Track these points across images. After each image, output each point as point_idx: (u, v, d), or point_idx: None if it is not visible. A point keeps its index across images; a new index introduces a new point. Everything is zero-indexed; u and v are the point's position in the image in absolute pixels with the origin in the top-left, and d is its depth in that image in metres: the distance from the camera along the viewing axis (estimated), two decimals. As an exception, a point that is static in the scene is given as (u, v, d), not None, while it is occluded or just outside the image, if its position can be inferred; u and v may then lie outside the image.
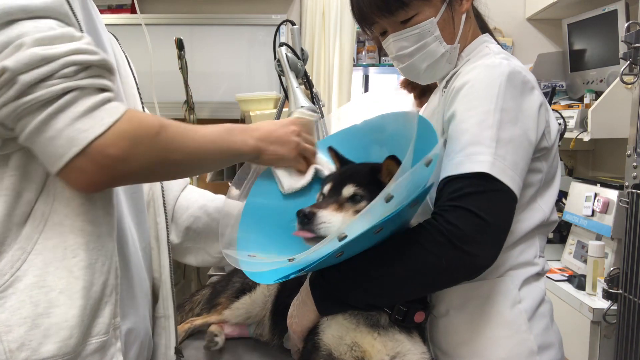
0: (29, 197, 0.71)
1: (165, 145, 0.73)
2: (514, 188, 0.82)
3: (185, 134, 0.77)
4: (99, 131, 0.66)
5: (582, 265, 2.06)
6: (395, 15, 0.95)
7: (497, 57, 0.91)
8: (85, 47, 0.68)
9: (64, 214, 0.72)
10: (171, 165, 0.78)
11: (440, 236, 0.78)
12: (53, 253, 0.71)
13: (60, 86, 0.65)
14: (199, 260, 1.14)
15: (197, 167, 0.91)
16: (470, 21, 1.01)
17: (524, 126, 0.86)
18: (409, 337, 0.87)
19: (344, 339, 0.86)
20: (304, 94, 1.25)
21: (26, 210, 0.71)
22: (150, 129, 0.72)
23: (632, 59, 1.59)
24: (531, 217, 0.93)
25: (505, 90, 0.85)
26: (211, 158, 0.84)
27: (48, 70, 0.64)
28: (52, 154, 0.66)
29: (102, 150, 0.66)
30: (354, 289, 0.84)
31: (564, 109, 2.45)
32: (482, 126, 0.83)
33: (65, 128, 0.65)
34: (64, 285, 0.71)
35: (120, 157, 0.68)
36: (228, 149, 0.85)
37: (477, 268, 0.80)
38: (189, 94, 2.72)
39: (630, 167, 1.61)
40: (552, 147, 0.94)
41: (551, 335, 0.93)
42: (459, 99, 0.89)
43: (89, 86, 0.67)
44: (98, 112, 0.67)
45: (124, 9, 2.94)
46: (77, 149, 0.65)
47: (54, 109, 0.65)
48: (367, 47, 3.06)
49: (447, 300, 0.93)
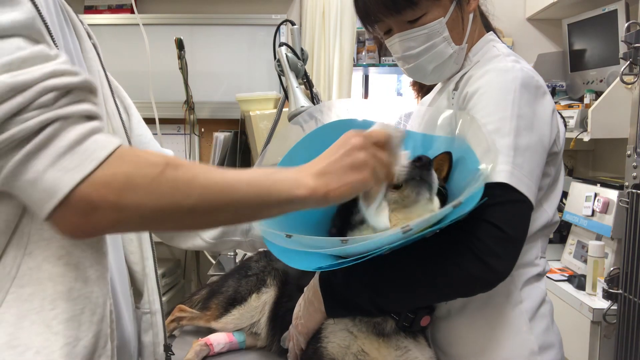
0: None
1: (172, 186, 0.58)
2: (531, 197, 0.81)
3: (204, 175, 0.60)
4: (88, 169, 0.54)
5: (582, 265, 2.06)
6: (403, 14, 0.93)
7: (509, 61, 0.90)
8: (63, 68, 0.57)
9: (42, 257, 0.61)
10: (184, 212, 0.60)
11: (463, 247, 0.77)
12: (29, 304, 0.60)
13: (37, 119, 0.54)
14: (189, 245, 1.04)
15: (227, 215, 0.65)
16: (476, 20, 1.00)
17: (539, 132, 0.85)
18: (415, 342, 0.87)
19: (351, 348, 0.84)
20: (304, 94, 1.25)
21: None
22: (151, 168, 0.58)
23: (632, 59, 1.59)
24: (536, 220, 0.93)
25: (521, 96, 0.84)
26: (245, 203, 0.63)
27: (21, 102, 0.53)
28: (36, 201, 0.55)
29: (87, 196, 0.54)
30: (366, 289, 0.82)
31: (564, 109, 2.45)
32: (500, 134, 0.82)
33: (47, 169, 0.54)
34: (41, 343, 0.59)
35: (111, 204, 0.55)
36: (270, 192, 0.63)
37: (495, 280, 0.79)
38: (189, 94, 2.72)
39: (630, 167, 1.61)
40: (560, 151, 0.94)
41: (552, 335, 0.93)
42: (472, 105, 0.87)
43: (73, 114, 0.56)
44: (84, 147, 0.55)
45: (124, 9, 2.93)
46: (60, 196, 0.54)
47: (33, 147, 0.53)
48: (367, 47, 3.05)
49: (448, 301, 0.93)
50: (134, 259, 0.89)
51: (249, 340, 1.19)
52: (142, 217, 0.58)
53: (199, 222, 0.65)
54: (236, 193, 0.62)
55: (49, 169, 0.54)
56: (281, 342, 1.06)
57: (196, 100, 2.80)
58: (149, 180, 0.57)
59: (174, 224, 0.64)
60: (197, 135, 2.94)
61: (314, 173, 0.67)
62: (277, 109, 1.72)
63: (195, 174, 0.60)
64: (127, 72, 1.84)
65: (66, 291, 0.61)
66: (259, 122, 2.37)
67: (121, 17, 2.88)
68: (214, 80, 2.92)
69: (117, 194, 0.56)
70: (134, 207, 0.57)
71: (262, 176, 0.65)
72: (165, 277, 2.64)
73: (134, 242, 0.88)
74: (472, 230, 0.78)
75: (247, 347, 1.19)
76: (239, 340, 1.18)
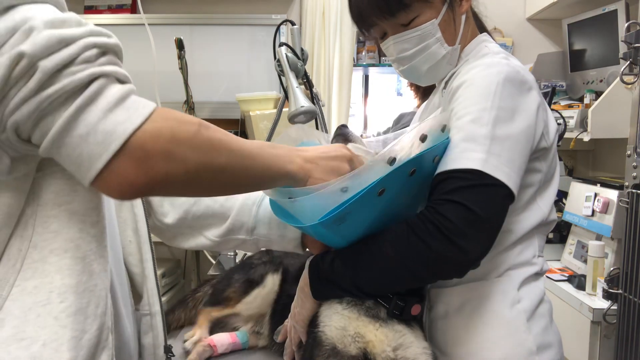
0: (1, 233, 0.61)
1: (208, 144, 0.63)
2: (510, 184, 0.81)
3: (227, 136, 0.66)
4: (138, 122, 0.56)
5: (582, 265, 2.06)
6: (396, 17, 0.94)
7: (496, 57, 0.91)
8: (99, 29, 0.59)
9: (48, 250, 0.62)
10: (216, 171, 0.65)
11: (432, 226, 0.78)
12: (34, 297, 0.60)
13: (86, 72, 0.55)
14: (192, 244, 1.04)
15: (243, 178, 0.71)
16: (469, 21, 1.01)
17: (522, 125, 0.86)
18: (409, 328, 0.87)
19: (347, 329, 0.85)
20: (304, 94, 1.25)
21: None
22: (190, 125, 0.61)
23: (632, 59, 1.59)
24: (530, 217, 0.93)
25: (503, 88, 0.85)
26: (256, 168, 0.70)
27: (70, 54, 0.55)
28: (86, 156, 0.56)
29: (142, 144, 0.56)
30: (346, 269, 0.84)
31: (564, 109, 2.45)
32: (478, 124, 0.83)
33: (99, 121, 0.55)
34: (49, 335, 0.60)
35: (163, 154, 0.58)
36: (272, 162, 0.72)
37: (466, 262, 0.79)
38: (189, 94, 2.72)
39: (630, 167, 1.61)
40: (550, 147, 0.94)
41: (550, 335, 0.93)
42: (456, 97, 0.89)
43: (112, 73, 0.58)
44: (130, 102, 0.58)
45: (124, 9, 2.94)
46: (117, 144, 0.55)
47: (84, 100, 0.55)
48: (367, 47, 3.05)
49: (445, 301, 0.93)
50: (132, 261, 0.89)
51: (251, 340, 1.19)
52: (186, 171, 0.61)
53: (225, 182, 0.69)
54: (253, 160, 0.69)
55: (102, 121, 0.55)
56: (274, 336, 1.06)
57: (196, 100, 2.80)
58: (191, 136, 0.61)
59: (208, 184, 0.67)
60: (197, 135, 2.94)
61: (304, 157, 0.77)
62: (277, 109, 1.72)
63: (222, 137, 0.65)
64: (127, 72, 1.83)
65: (75, 284, 0.62)
66: (259, 122, 2.38)
67: (121, 17, 2.88)
68: (214, 80, 2.92)
69: (167, 144, 0.58)
70: (180, 158, 0.59)
71: (267, 149, 0.72)
72: (165, 277, 2.64)
73: (132, 244, 0.89)
74: (441, 211, 0.79)
75: (249, 347, 1.19)
76: (242, 340, 1.18)
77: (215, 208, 1.01)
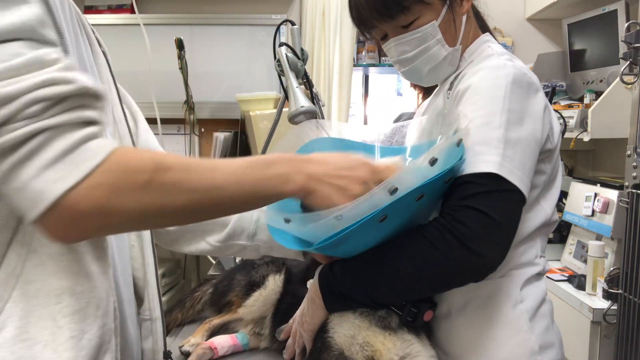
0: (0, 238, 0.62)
1: (162, 190, 0.60)
2: (522, 188, 0.81)
3: (194, 175, 0.63)
4: (72, 181, 0.55)
5: (582, 265, 2.06)
6: (396, 19, 0.94)
7: (502, 59, 0.91)
8: (59, 77, 0.56)
9: (46, 254, 0.63)
10: (173, 213, 0.63)
11: (449, 234, 0.77)
12: (35, 299, 0.62)
13: (23, 130, 0.54)
14: (193, 249, 1.04)
15: (215, 210, 0.68)
16: (471, 21, 1.01)
17: (531, 127, 0.86)
18: (417, 338, 0.87)
19: (356, 338, 0.85)
20: (304, 94, 1.25)
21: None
22: (140, 175, 0.59)
23: (632, 59, 1.59)
24: (534, 217, 0.93)
25: (512, 91, 0.85)
26: (234, 196, 0.66)
27: (7, 113, 0.53)
28: (20, 207, 0.56)
29: (73, 204, 0.55)
30: (359, 283, 0.83)
31: (564, 109, 2.45)
32: (490, 127, 0.83)
33: (32, 179, 0.54)
34: (48, 336, 0.61)
35: (97, 210, 0.57)
36: (259, 186, 0.67)
37: (484, 268, 0.79)
38: (189, 94, 2.72)
39: (630, 167, 1.61)
40: (555, 148, 0.94)
41: (552, 335, 0.93)
42: (464, 100, 0.88)
43: (64, 123, 0.56)
44: (74, 156, 0.56)
45: (124, 9, 2.93)
46: (45, 205, 0.54)
47: (18, 158, 0.54)
48: (367, 47, 3.05)
49: (448, 300, 0.93)
50: (135, 265, 0.89)
51: (252, 341, 1.19)
52: (129, 219, 0.61)
53: (186, 221, 0.68)
54: (224, 194, 0.65)
55: (34, 179, 0.54)
56: (276, 334, 1.05)
57: (196, 100, 2.80)
58: (139, 186, 0.59)
59: (160, 224, 0.68)
60: (197, 135, 2.94)
61: (307, 174, 0.70)
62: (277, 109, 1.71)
63: (182, 178, 0.62)
64: (127, 72, 1.84)
65: (70, 286, 0.63)
66: (259, 122, 2.37)
67: (121, 17, 2.88)
68: (214, 80, 2.92)
69: (103, 200, 0.57)
70: (120, 212, 0.58)
71: (254, 172, 0.67)
72: (165, 277, 2.64)
73: (135, 248, 0.89)
74: (458, 218, 0.78)
75: (250, 349, 1.19)
76: (243, 342, 1.18)
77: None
